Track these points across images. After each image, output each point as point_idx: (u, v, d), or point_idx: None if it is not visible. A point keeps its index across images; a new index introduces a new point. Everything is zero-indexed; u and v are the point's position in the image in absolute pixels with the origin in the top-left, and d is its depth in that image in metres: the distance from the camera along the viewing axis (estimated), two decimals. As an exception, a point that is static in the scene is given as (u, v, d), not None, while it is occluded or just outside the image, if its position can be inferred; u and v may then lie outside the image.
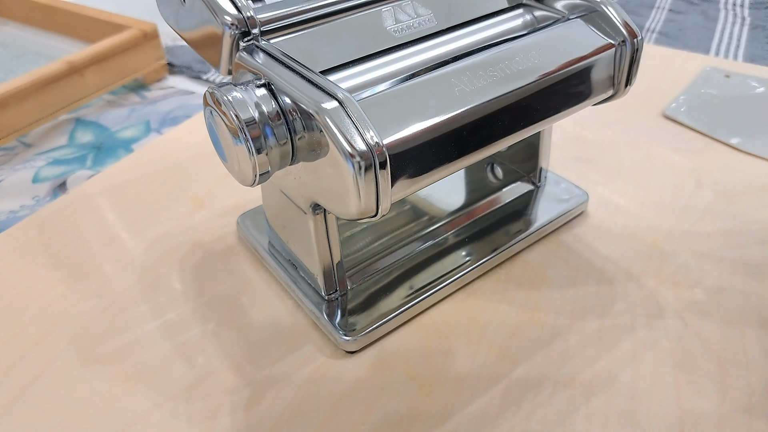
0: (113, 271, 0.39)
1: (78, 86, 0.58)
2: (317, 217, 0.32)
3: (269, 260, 0.38)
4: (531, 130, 0.31)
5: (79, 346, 0.35)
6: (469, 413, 0.31)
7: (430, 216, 0.41)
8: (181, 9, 0.31)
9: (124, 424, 0.31)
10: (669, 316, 0.35)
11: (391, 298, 0.35)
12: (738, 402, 0.31)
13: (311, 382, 0.32)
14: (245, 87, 0.27)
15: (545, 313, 0.36)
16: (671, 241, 0.40)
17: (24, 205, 0.48)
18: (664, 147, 0.49)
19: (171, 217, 0.44)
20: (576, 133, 0.51)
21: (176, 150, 0.51)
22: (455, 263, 0.37)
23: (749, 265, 0.38)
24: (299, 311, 0.36)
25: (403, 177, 0.27)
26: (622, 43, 0.33)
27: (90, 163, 0.53)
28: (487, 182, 0.44)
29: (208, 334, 0.35)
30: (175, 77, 0.68)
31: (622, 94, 0.34)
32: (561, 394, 0.31)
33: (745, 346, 0.33)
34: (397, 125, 0.26)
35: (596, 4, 0.33)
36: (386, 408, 0.31)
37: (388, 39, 0.32)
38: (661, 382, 0.32)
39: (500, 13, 0.35)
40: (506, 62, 0.30)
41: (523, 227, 0.40)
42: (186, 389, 0.32)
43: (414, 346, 0.34)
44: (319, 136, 0.25)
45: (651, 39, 0.74)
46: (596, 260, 0.39)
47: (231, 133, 0.26)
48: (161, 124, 0.58)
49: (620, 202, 0.44)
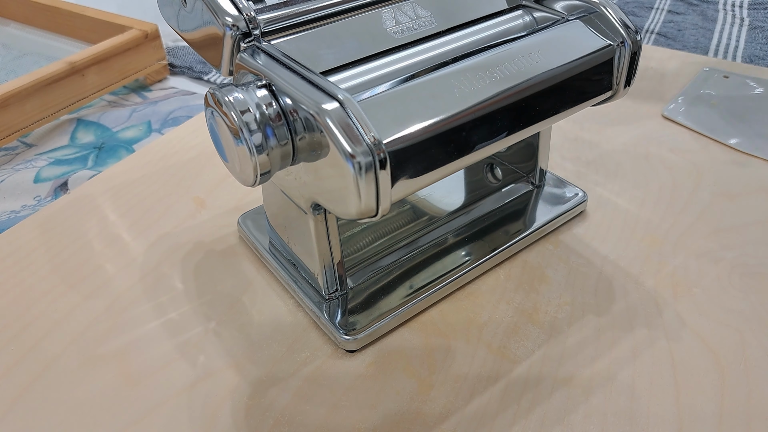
0: (114, 271, 0.40)
1: (79, 86, 0.58)
2: (318, 217, 0.32)
3: (270, 260, 0.38)
4: (531, 130, 0.31)
5: (81, 346, 0.35)
6: (469, 413, 0.31)
7: (430, 216, 0.41)
8: (182, 10, 0.31)
9: (125, 423, 0.31)
10: (668, 316, 0.35)
11: (391, 298, 0.35)
12: (737, 402, 0.31)
13: (312, 381, 0.32)
14: (246, 88, 0.27)
15: (544, 312, 0.36)
16: (670, 241, 0.40)
17: (25, 205, 0.48)
18: (663, 147, 0.49)
19: (172, 217, 0.44)
20: (576, 133, 0.51)
21: (177, 150, 0.51)
22: (455, 263, 0.37)
23: (749, 265, 0.38)
24: (300, 311, 0.36)
25: (403, 177, 0.27)
26: (621, 43, 0.33)
27: (91, 163, 0.53)
28: (487, 182, 0.44)
29: (210, 334, 0.35)
30: (176, 78, 0.68)
31: (622, 94, 0.34)
32: (560, 394, 0.31)
33: (744, 346, 0.34)
34: (397, 126, 0.26)
35: (595, 5, 0.33)
36: (386, 408, 0.31)
37: (388, 40, 0.32)
38: (660, 382, 0.32)
39: (500, 14, 0.35)
40: (506, 63, 0.30)
41: (523, 227, 0.40)
42: (187, 388, 0.32)
43: (414, 345, 0.34)
44: (319, 137, 0.25)
45: (650, 40, 0.74)
46: (596, 260, 0.39)
47: (232, 133, 0.26)
48: (162, 124, 0.58)
49: (620, 202, 0.44)
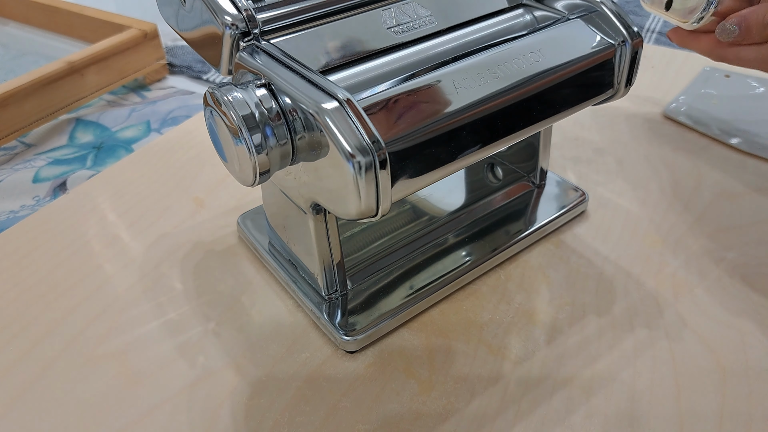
0: (114, 271, 0.39)
1: (78, 86, 0.58)
2: (317, 217, 0.32)
3: (269, 260, 0.38)
4: (531, 130, 0.31)
5: (80, 346, 0.35)
6: (469, 413, 0.31)
7: (430, 216, 0.41)
8: (182, 9, 0.31)
9: (125, 423, 0.31)
10: (669, 316, 0.35)
11: (391, 298, 0.35)
12: (737, 402, 0.31)
13: (311, 382, 0.32)
14: (245, 87, 0.27)
15: (545, 313, 0.36)
16: (671, 241, 0.40)
17: (24, 205, 0.48)
18: (664, 147, 0.49)
19: (171, 217, 0.44)
20: (576, 133, 0.51)
21: (177, 150, 0.51)
22: (455, 263, 0.37)
23: (749, 265, 0.38)
24: (299, 311, 0.36)
25: (404, 177, 0.27)
26: (622, 43, 0.33)
27: (90, 163, 0.53)
28: (487, 182, 0.44)
29: (209, 334, 0.35)
30: (176, 77, 0.68)
31: (622, 94, 0.34)
32: (561, 394, 0.31)
33: (745, 346, 0.33)
34: (397, 125, 0.26)
35: (596, 5, 0.33)
36: (386, 408, 0.31)
37: (388, 39, 0.32)
38: (660, 382, 0.32)
39: (500, 13, 0.35)
40: (506, 63, 0.30)
41: (523, 227, 0.40)
42: (187, 388, 0.32)
43: (414, 345, 0.34)
44: (319, 136, 0.25)
45: (651, 39, 0.74)
46: (596, 260, 0.39)
47: (231, 133, 0.26)
48: (161, 124, 0.58)
49: (620, 202, 0.44)
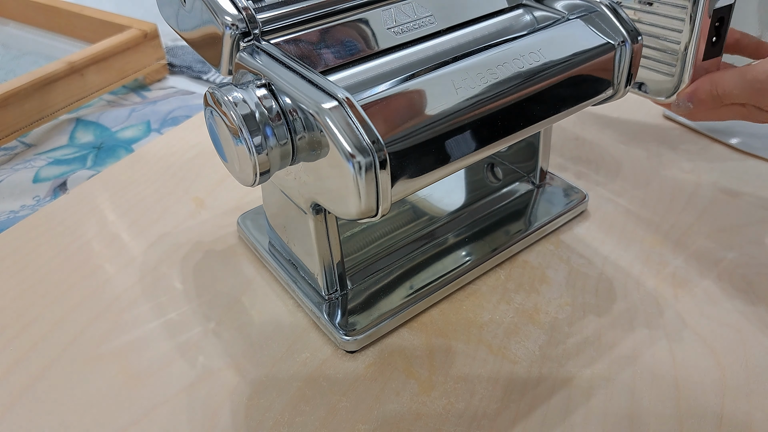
0: (114, 271, 0.39)
1: (78, 86, 0.58)
2: (317, 217, 0.32)
3: (270, 260, 0.38)
4: (531, 130, 0.31)
5: (80, 346, 0.35)
6: (469, 413, 0.31)
7: (430, 216, 0.41)
8: (182, 9, 0.31)
9: (125, 423, 0.31)
10: (669, 316, 0.35)
11: (391, 298, 0.35)
12: (737, 402, 0.31)
13: (311, 382, 0.32)
14: (246, 87, 0.27)
15: (545, 313, 0.36)
16: (671, 241, 0.40)
17: (24, 205, 0.48)
18: (663, 147, 0.49)
19: (171, 217, 0.44)
20: (576, 133, 0.51)
21: (177, 150, 0.51)
22: (455, 263, 0.37)
23: (749, 265, 0.38)
24: (299, 311, 0.36)
25: (404, 177, 0.27)
26: (622, 43, 0.33)
27: (90, 163, 0.53)
28: (487, 182, 0.44)
29: (209, 334, 0.35)
30: (176, 77, 0.68)
31: (622, 94, 0.34)
32: (561, 394, 0.31)
33: (745, 346, 0.33)
34: (397, 125, 0.26)
35: (596, 5, 0.33)
36: (386, 408, 0.31)
37: (388, 39, 0.32)
38: (660, 382, 0.32)
39: (500, 13, 0.35)
40: (506, 62, 0.30)
41: (523, 227, 0.40)
42: (187, 388, 0.32)
43: (414, 345, 0.34)
44: (319, 136, 0.25)
45: (651, 39, 0.74)
46: (596, 260, 0.39)
47: (231, 133, 0.26)
48: (162, 124, 0.58)
49: (620, 202, 0.44)
